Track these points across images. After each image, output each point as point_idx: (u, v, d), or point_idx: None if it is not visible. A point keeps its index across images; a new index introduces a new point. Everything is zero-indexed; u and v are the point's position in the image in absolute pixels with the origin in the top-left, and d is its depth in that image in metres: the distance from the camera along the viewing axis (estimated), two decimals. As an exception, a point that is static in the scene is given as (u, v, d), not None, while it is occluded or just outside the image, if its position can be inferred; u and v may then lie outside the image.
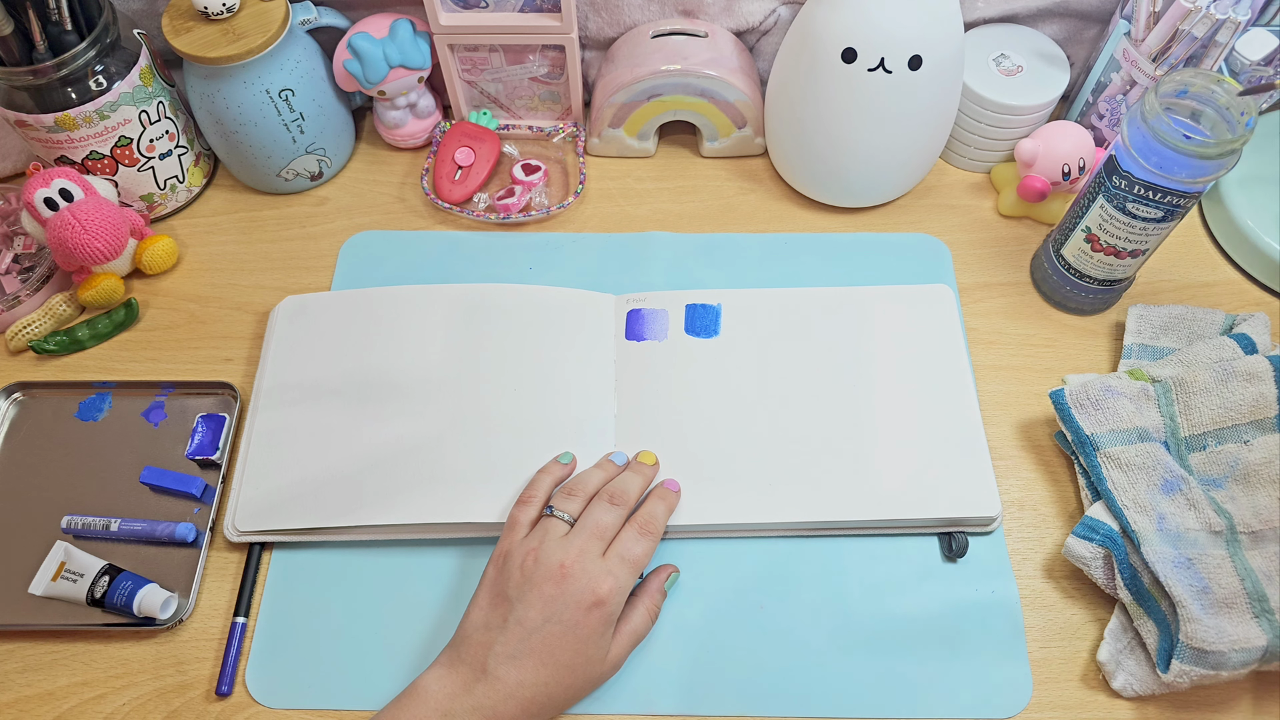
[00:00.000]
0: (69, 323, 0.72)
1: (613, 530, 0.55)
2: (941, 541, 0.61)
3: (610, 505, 0.56)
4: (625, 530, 0.56)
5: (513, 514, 0.57)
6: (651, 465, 0.61)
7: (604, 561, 0.54)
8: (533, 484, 0.59)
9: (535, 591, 0.52)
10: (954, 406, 0.64)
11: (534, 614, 0.51)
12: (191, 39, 0.67)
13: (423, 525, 0.60)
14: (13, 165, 0.77)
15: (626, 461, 0.61)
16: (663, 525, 0.57)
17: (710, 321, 0.68)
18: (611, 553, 0.54)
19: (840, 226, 0.76)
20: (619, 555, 0.54)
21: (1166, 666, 0.54)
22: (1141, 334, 0.67)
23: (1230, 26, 0.63)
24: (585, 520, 0.55)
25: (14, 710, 0.57)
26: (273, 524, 0.60)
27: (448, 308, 0.68)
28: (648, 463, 0.61)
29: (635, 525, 0.56)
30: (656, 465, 0.61)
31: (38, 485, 0.64)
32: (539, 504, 0.58)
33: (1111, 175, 0.61)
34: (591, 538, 0.54)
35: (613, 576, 0.53)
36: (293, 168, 0.76)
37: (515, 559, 0.54)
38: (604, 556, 0.54)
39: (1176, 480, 0.58)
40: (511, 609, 0.52)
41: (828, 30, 0.65)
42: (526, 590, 0.52)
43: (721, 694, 0.56)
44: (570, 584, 0.52)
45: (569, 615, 0.51)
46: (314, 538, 0.61)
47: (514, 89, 0.79)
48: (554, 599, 0.52)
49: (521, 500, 0.58)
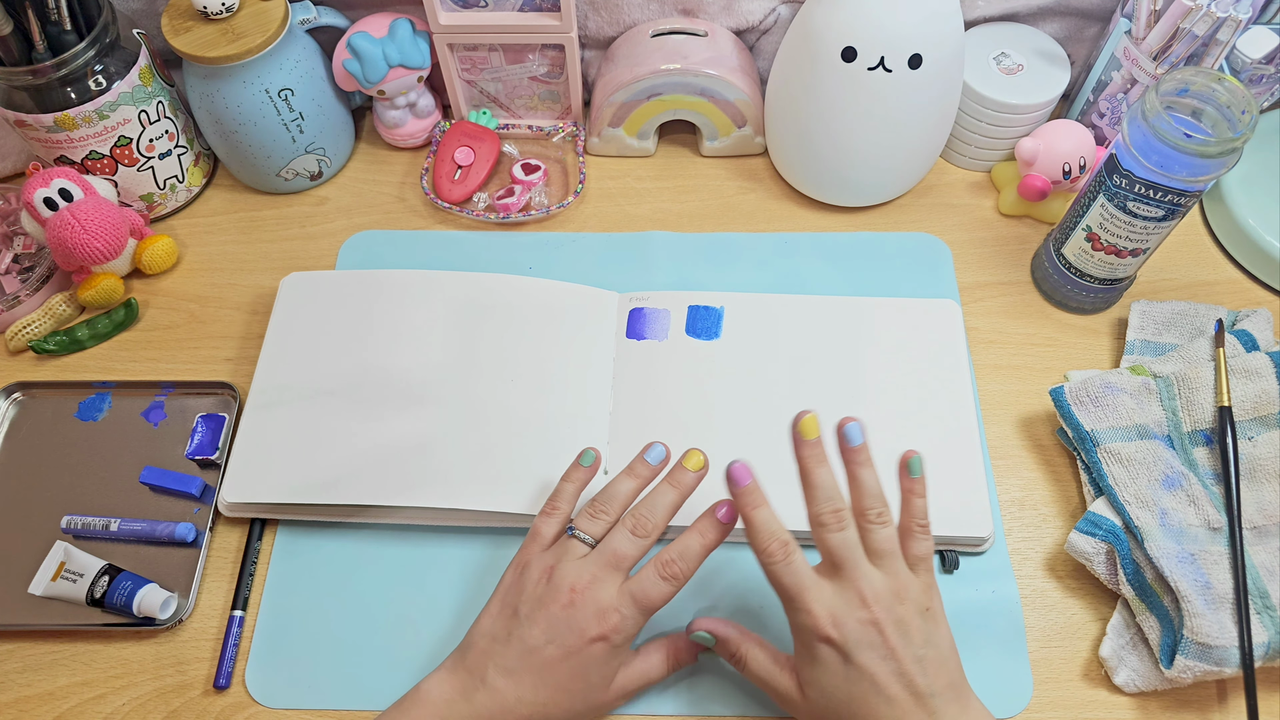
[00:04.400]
0: (69, 323, 0.72)
1: (630, 562, 0.52)
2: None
3: (633, 536, 0.52)
4: (647, 567, 0.52)
5: (536, 523, 0.55)
6: (695, 472, 0.54)
7: (616, 595, 0.51)
8: (556, 493, 0.56)
9: (542, 611, 0.51)
10: (953, 424, 0.63)
11: (537, 633, 0.50)
12: (191, 39, 0.67)
13: (414, 509, 0.60)
14: (12, 165, 0.77)
15: (664, 460, 0.56)
16: (693, 568, 0.52)
17: (712, 324, 0.68)
18: (626, 588, 0.51)
19: (840, 226, 0.76)
20: (632, 594, 0.51)
21: (1170, 662, 0.54)
22: (1144, 330, 0.67)
23: (1231, 25, 0.63)
24: (604, 547, 0.52)
25: (14, 710, 0.57)
26: (261, 497, 0.61)
27: (452, 295, 0.68)
28: (691, 468, 0.54)
29: (658, 564, 0.51)
30: (703, 470, 0.55)
31: (37, 485, 0.64)
32: (562, 517, 0.55)
33: (1112, 174, 0.61)
34: (607, 567, 0.51)
35: (619, 614, 0.50)
36: (292, 167, 0.76)
37: (531, 573, 0.52)
38: (619, 590, 0.51)
39: (1178, 476, 0.58)
40: (518, 624, 0.51)
41: (828, 29, 0.65)
42: (534, 608, 0.51)
43: (721, 694, 0.56)
44: (576, 611, 0.50)
45: (571, 641, 0.50)
46: (301, 516, 0.62)
47: (513, 88, 0.79)
48: (558, 622, 0.50)
49: (545, 510, 0.55)
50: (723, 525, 0.53)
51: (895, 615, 0.48)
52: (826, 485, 0.51)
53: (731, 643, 0.52)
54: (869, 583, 0.48)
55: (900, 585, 0.49)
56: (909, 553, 0.51)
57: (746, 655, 0.52)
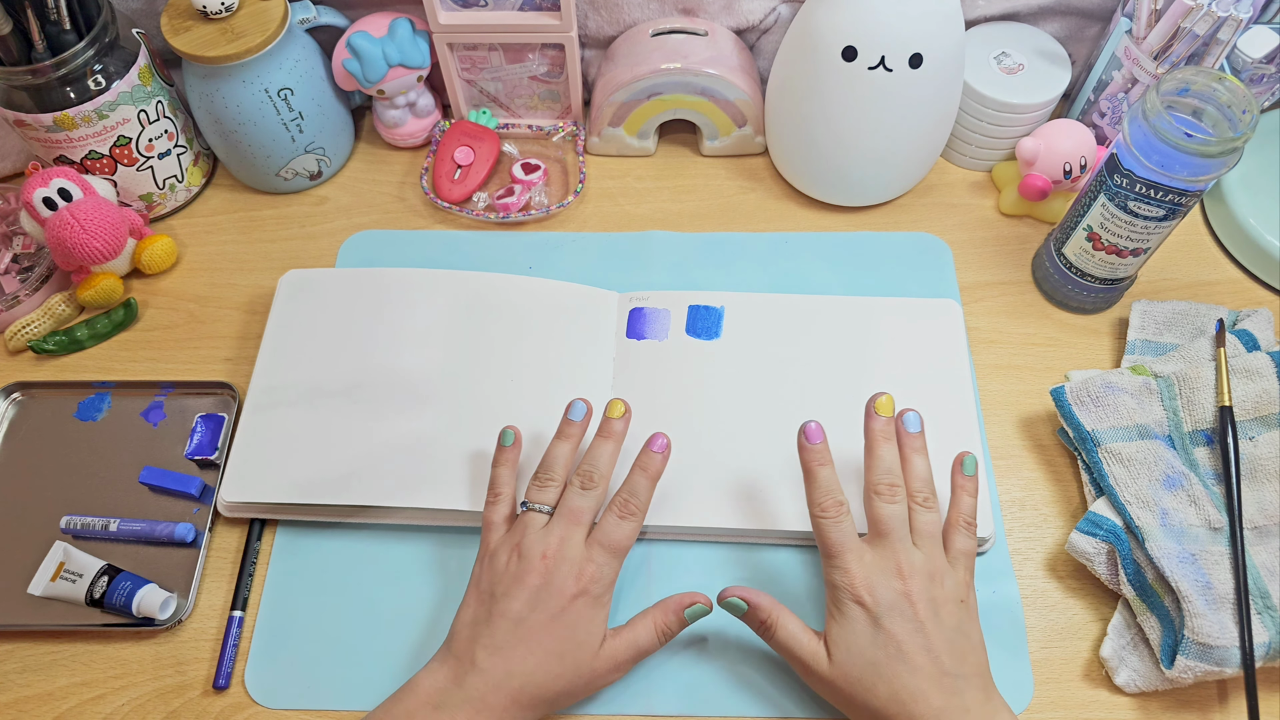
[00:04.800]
0: (68, 323, 0.72)
1: (590, 514, 0.55)
2: None
3: (583, 490, 0.55)
4: (606, 513, 0.54)
5: (485, 514, 0.57)
6: (619, 418, 0.57)
7: (585, 548, 0.53)
8: (492, 480, 0.58)
9: (519, 585, 0.52)
10: (954, 424, 0.63)
11: (518, 605, 0.52)
12: (190, 38, 0.67)
13: (414, 510, 0.60)
14: (12, 165, 0.77)
15: (585, 414, 0.58)
16: (646, 500, 0.55)
17: (712, 324, 0.68)
18: (593, 539, 0.54)
19: (841, 225, 0.76)
20: (600, 543, 0.53)
21: (1170, 662, 0.53)
22: (1145, 329, 0.67)
23: (1232, 24, 0.63)
24: (562, 509, 0.55)
25: (13, 710, 0.57)
26: (260, 496, 0.61)
27: (451, 294, 0.68)
28: (615, 415, 0.57)
29: (615, 507, 0.54)
30: (626, 415, 0.58)
31: (37, 485, 0.64)
32: (507, 498, 0.57)
33: (1113, 174, 0.61)
34: (570, 525, 0.54)
35: (594, 563, 0.53)
36: (292, 167, 0.76)
37: (500, 557, 0.54)
38: (586, 543, 0.54)
39: (1178, 476, 0.58)
40: (496, 603, 0.52)
41: (828, 28, 0.65)
42: (511, 585, 0.52)
43: (722, 694, 0.56)
44: (553, 574, 0.52)
45: (553, 603, 0.51)
46: (301, 516, 0.62)
47: (513, 88, 0.79)
48: (538, 589, 0.52)
49: (489, 500, 0.57)
50: (659, 455, 0.56)
51: (929, 594, 0.50)
52: (889, 460, 0.54)
53: (763, 609, 0.53)
54: (908, 558, 0.51)
55: (936, 569, 0.51)
56: (952, 546, 0.53)
57: (777, 621, 0.53)
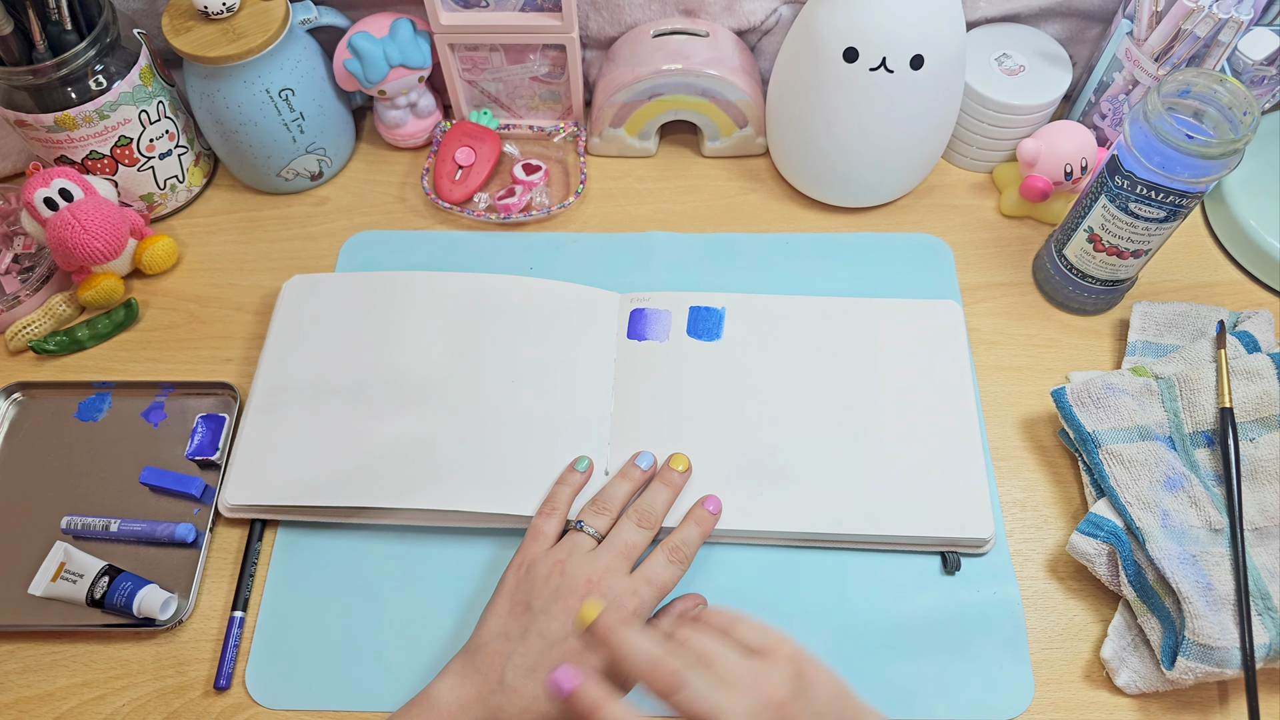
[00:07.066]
0: (69, 323, 0.72)
1: (639, 550, 0.55)
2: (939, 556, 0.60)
3: (638, 526, 0.56)
4: (656, 554, 0.55)
5: (535, 523, 0.57)
6: (682, 472, 0.60)
7: (630, 580, 0.53)
8: (553, 495, 0.59)
9: (560, 604, 0.51)
10: (955, 425, 0.63)
11: (557, 626, 0.51)
12: (191, 38, 0.67)
13: (415, 511, 0.60)
14: (12, 165, 0.77)
15: (653, 465, 0.60)
16: (694, 552, 0.56)
17: (713, 325, 0.68)
18: (638, 573, 0.54)
19: (842, 226, 0.76)
20: (645, 577, 0.54)
21: (1171, 663, 0.53)
22: (1145, 331, 0.67)
23: (1233, 26, 0.63)
24: (613, 538, 0.55)
25: (14, 711, 0.57)
26: (263, 499, 0.61)
27: (452, 296, 0.68)
28: (678, 469, 0.60)
29: (666, 550, 0.55)
30: (688, 471, 0.60)
31: (37, 486, 0.64)
32: (561, 516, 0.57)
33: (1114, 175, 0.61)
34: (618, 556, 0.54)
35: (637, 596, 0.52)
36: (293, 167, 0.76)
37: (540, 569, 0.53)
38: (630, 575, 0.54)
39: (1179, 477, 0.58)
40: (534, 620, 0.51)
41: (829, 30, 0.65)
42: (551, 602, 0.51)
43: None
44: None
45: None
46: (302, 517, 0.62)
47: (514, 88, 0.79)
48: (577, 612, 0.50)
49: (544, 511, 0.57)
50: (713, 515, 0.58)
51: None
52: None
53: (584, 700, 0.41)
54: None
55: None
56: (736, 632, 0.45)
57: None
